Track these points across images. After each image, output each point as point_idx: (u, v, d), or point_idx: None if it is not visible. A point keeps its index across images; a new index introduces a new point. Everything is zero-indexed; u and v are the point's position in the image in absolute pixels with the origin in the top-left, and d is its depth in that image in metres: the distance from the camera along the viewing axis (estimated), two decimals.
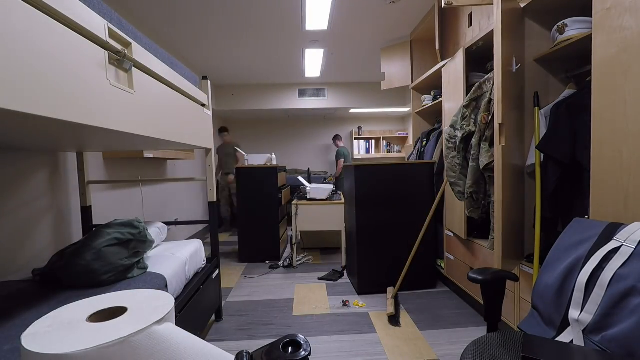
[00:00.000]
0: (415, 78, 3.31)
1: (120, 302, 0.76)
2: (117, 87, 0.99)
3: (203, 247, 2.08)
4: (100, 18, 0.92)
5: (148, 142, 1.48)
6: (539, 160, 1.61)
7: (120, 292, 0.82)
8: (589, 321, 0.95)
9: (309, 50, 3.84)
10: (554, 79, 1.75)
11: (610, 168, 1.17)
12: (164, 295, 0.80)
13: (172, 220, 3.79)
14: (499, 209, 1.54)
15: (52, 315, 0.71)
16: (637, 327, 0.85)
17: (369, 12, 2.94)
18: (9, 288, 1.30)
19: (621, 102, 1.12)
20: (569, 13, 1.58)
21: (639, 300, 0.89)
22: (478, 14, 2.24)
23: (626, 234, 1.00)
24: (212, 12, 2.82)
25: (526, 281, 1.68)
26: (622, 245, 0.98)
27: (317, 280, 2.98)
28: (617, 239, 1.01)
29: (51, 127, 0.90)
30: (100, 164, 2.41)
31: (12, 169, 1.63)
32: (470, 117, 1.97)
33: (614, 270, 0.95)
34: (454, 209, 2.41)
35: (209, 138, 2.05)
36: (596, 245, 1.04)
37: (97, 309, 0.73)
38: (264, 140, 6.56)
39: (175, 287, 1.56)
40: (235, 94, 5.32)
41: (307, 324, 2.17)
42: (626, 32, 1.09)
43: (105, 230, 1.41)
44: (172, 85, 1.45)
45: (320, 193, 3.43)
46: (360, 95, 5.46)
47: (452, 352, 1.79)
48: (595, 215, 1.24)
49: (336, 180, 5.32)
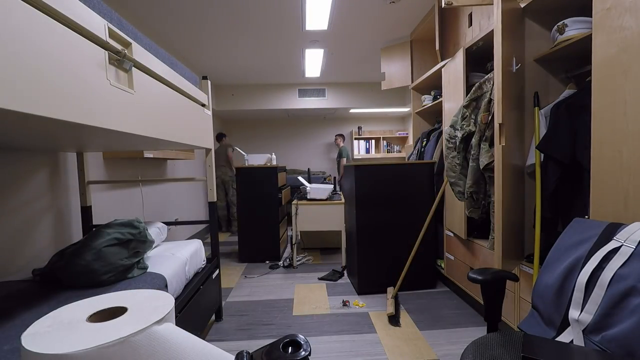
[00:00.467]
0: (415, 78, 3.31)
1: (120, 302, 0.76)
2: (117, 87, 0.99)
3: (203, 247, 2.08)
4: (100, 18, 0.92)
5: (148, 142, 1.48)
6: (539, 160, 1.61)
7: (120, 292, 0.82)
8: (589, 321, 0.95)
9: (309, 50, 3.84)
10: (554, 79, 1.75)
11: (610, 168, 1.17)
12: (164, 295, 0.80)
13: (172, 220, 3.79)
14: (499, 209, 1.54)
15: (52, 315, 0.71)
16: (637, 327, 0.85)
17: (369, 12, 2.94)
18: (9, 288, 1.30)
19: (621, 102, 1.12)
20: (569, 13, 1.58)
21: (639, 300, 0.89)
22: (478, 14, 2.24)
23: (626, 234, 1.00)
24: (212, 12, 2.82)
25: (526, 281, 1.68)
26: (622, 245, 0.98)
27: (317, 280, 2.98)
28: (617, 239, 1.01)
29: (51, 127, 0.90)
30: (100, 164, 2.41)
31: (12, 169, 1.63)
32: (470, 117, 1.97)
33: (614, 270, 0.95)
34: (454, 209, 2.41)
35: (209, 138, 2.05)
36: (596, 245, 1.04)
37: (97, 309, 0.73)
38: (264, 140, 6.56)
39: (175, 287, 1.56)
40: (235, 94, 5.32)
41: (307, 324, 2.17)
42: (626, 32, 1.09)
43: (105, 230, 1.41)
44: (172, 85, 1.45)
45: (320, 193, 3.43)
46: (360, 95, 5.46)
47: (452, 352, 1.79)
48: (595, 215, 1.24)
49: (339, 180, 5.31)
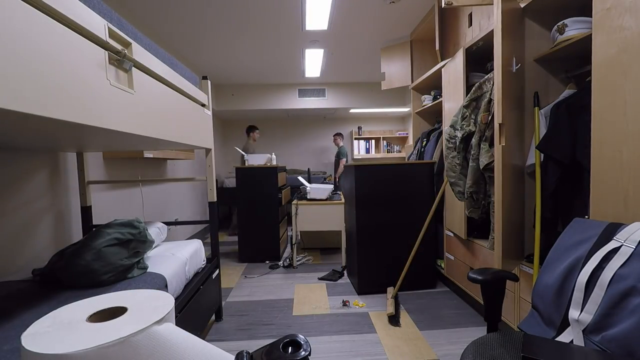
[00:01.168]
0: (415, 78, 3.31)
1: (120, 302, 0.76)
2: (117, 87, 0.99)
3: (203, 247, 2.08)
4: (100, 18, 0.92)
5: (148, 142, 1.48)
6: (539, 160, 1.61)
7: (120, 292, 0.82)
8: (589, 321, 0.95)
9: (309, 50, 3.84)
10: (554, 79, 1.75)
11: (610, 168, 1.17)
12: (164, 295, 0.80)
13: (172, 220, 3.79)
14: (499, 209, 1.54)
15: (51, 315, 0.71)
16: (637, 327, 0.85)
17: (369, 12, 2.94)
18: (9, 288, 1.30)
19: (621, 102, 1.12)
20: (569, 13, 1.58)
21: (638, 300, 0.89)
22: (478, 14, 2.24)
23: (626, 234, 1.00)
24: (212, 12, 2.82)
25: (526, 281, 1.68)
26: (622, 245, 0.98)
27: (317, 280, 2.98)
28: (617, 239, 1.01)
29: (51, 127, 0.90)
30: (100, 164, 2.41)
31: (12, 169, 1.62)
32: (470, 117, 1.97)
33: (614, 270, 0.95)
34: (454, 209, 2.41)
35: (209, 138, 2.05)
36: (596, 246, 1.04)
37: (97, 309, 0.73)
38: (263, 140, 6.56)
39: (175, 287, 1.56)
40: (235, 94, 5.32)
41: (307, 324, 2.17)
42: (626, 32, 1.09)
43: (105, 230, 1.41)
44: (172, 85, 1.45)
45: (320, 193, 3.43)
46: (360, 95, 5.46)
47: (452, 352, 1.79)
48: (595, 215, 1.24)
49: (337, 180, 5.30)
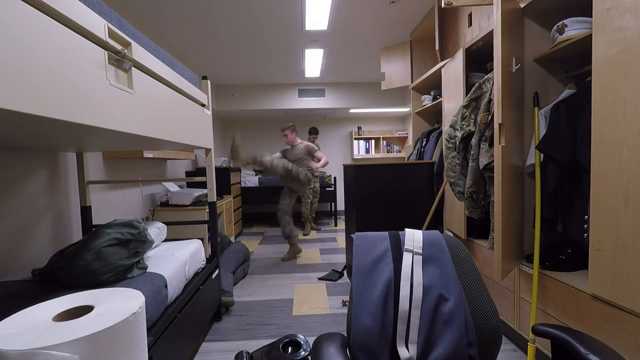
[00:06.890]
0: (415, 78, 3.31)
1: (88, 301, 0.79)
2: (117, 87, 0.99)
3: (203, 247, 2.08)
4: (100, 18, 0.92)
5: (148, 142, 1.48)
6: (538, 160, 1.61)
7: (92, 291, 0.85)
8: (418, 351, 0.86)
9: (309, 50, 3.84)
10: (554, 79, 1.75)
11: (610, 168, 1.17)
12: (133, 292, 0.83)
13: None
14: (499, 209, 1.54)
15: (20, 314, 0.75)
16: (453, 339, 0.82)
17: (369, 12, 2.94)
18: (9, 288, 1.30)
19: (621, 102, 1.12)
20: (569, 13, 1.58)
21: (447, 308, 0.86)
22: (478, 14, 2.24)
23: (409, 241, 0.97)
24: (212, 12, 2.82)
25: (526, 281, 1.68)
26: (412, 253, 0.95)
27: (317, 280, 2.98)
28: (407, 249, 0.96)
29: (51, 127, 0.90)
30: (100, 164, 2.41)
31: (12, 169, 1.62)
32: (470, 117, 1.97)
33: (422, 283, 0.90)
34: (454, 209, 2.41)
35: (209, 138, 2.05)
36: (396, 261, 0.96)
37: (64, 309, 0.76)
38: (264, 140, 6.55)
39: (175, 287, 1.56)
40: (235, 94, 5.31)
41: (307, 324, 2.17)
42: (626, 32, 1.09)
43: (105, 230, 1.41)
44: (171, 85, 1.45)
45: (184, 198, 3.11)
46: (360, 95, 5.45)
47: None
48: (595, 215, 1.24)
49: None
